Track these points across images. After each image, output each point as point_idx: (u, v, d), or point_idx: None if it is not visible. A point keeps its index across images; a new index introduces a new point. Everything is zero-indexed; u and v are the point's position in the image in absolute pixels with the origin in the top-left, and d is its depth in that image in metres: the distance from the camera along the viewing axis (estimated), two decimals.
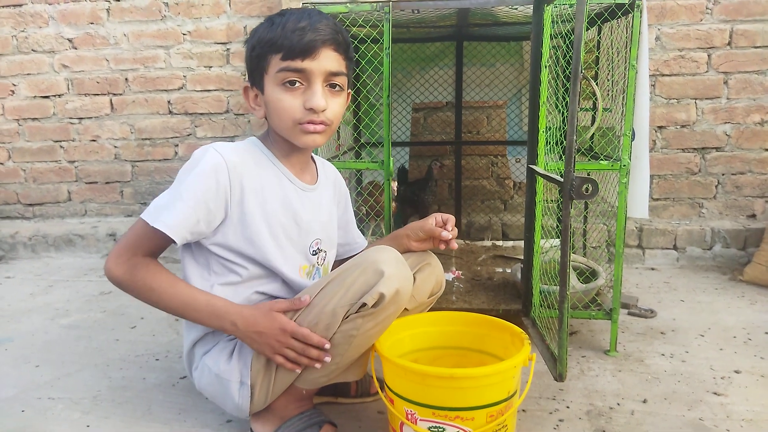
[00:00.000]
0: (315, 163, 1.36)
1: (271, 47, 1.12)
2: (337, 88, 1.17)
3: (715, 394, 1.44)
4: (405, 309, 1.30)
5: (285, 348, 1.12)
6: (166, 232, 1.08)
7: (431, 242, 1.37)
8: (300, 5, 1.62)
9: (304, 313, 1.15)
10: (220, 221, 1.15)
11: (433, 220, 1.36)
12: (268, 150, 1.23)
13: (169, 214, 1.09)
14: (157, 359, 1.71)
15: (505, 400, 1.10)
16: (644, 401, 1.40)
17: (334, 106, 1.17)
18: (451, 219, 1.37)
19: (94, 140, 3.02)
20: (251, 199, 1.16)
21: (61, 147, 3.05)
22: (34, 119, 3.03)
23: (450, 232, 1.34)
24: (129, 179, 3.05)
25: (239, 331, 1.13)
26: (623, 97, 1.56)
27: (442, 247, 1.37)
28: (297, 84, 1.13)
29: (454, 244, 1.36)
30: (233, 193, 1.13)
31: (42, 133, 3.04)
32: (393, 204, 1.73)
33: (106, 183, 3.06)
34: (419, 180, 2.49)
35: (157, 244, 1.14)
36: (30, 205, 3.14)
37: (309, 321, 1.13)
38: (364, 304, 1.09)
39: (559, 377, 1.30)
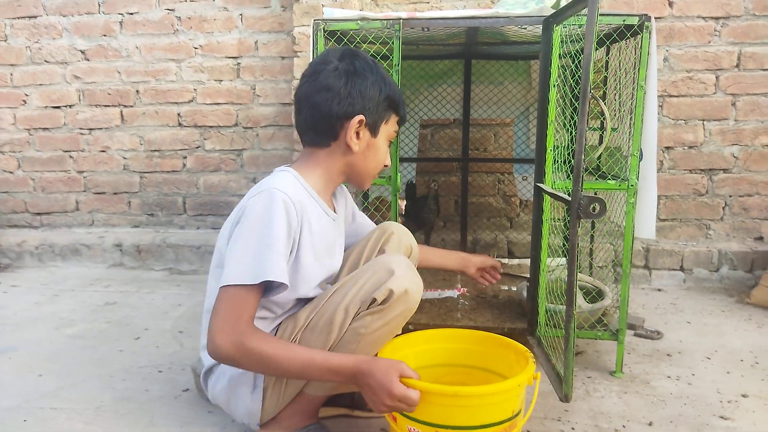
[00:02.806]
0: None
1: (396, 110, 1.30)
2: None
3: (722, 417, 1.42)
4: None
5: (384, 407, 1.09)
6: (276, 280, 1.09)
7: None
8: (311, 21, 1.64)
9: (321, 310, 1.21)
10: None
11: (474, 269, 1.68)
12: (306, 183, 1.25)
13: (267, 263, 1.09)
14: (160, 371, 1.71)
15: (510, 419, 1.09)
16: (650, 424, 1.39)
17: None
18: (497, 266, 1.70)
19: (103, 151, 3.04)
20: (306, 235, 1.20)
21: (70, 157, 3.07)
22: (44, 129, 3.06)
23: (491, 281, 1.72)
24: (137, 190, 3.06)
25: (356, 382, 1.11)
26: (631, 117, 1.56)
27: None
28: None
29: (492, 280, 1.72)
30: (299, 230, 1.18)
31: (52, 143, 3.07)
32: (400, 219, 1.74)
33: (114, 193, 3.08)
34: (425, 196, 2.50)
35: (254, 305, 1.12)
36: (38, 214, 3.16)
37: (324, 319, 1.19)
38: (374, 300, 1.15)
39: (565, 398, 1.29)
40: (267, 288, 1.14)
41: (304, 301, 1.27)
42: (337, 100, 1.21)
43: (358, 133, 1.24)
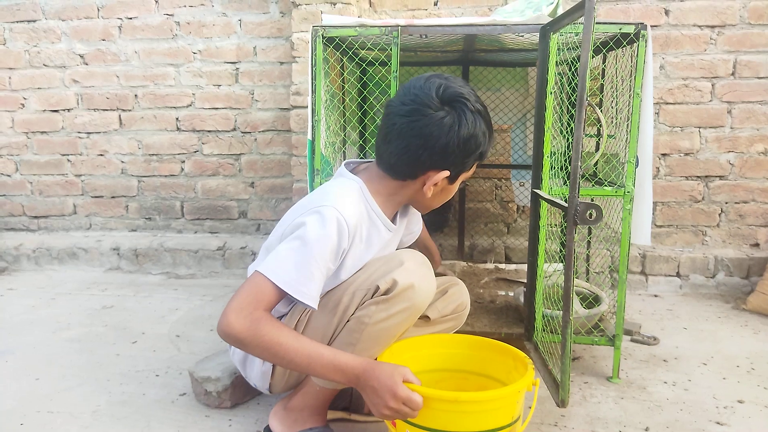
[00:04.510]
0: None
1: (482, 156, 1.26)
2: None
3: (718, 423, 1.42)
4: (427, 318, 1.38)
5: (386, 409, 1.09)
6: (309, 304, 1.12)
7: None
8: (310, 27, 1.65)
9: (331, 292, 1.23)
10: None
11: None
12: (372, 198, 1.25)
13: (303, 286, 1.11)
14: (157, 375, 1.70)
15: (509, 425, 1.10)
16: (646, 429, 1.39)
17: None
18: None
19: (101, 155, 3.04)
20: (355, 249, 1.22)
21: (68, 161, 3.07)
22: (42, 132, 3.06)
23: None
24: (135, 194, 3.06)
25: (360, 383, 1.12)
26: (627, 124, 1.58)
27: None
28: None
29: None
30: (349, 248, 1.19)
31: (50, 146, 3.07)
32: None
33: (112, 197, 3.08)
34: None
35: (276, 300, 1.14)
36: (35, 217, 3.16)
37: (333, 300, 1.22)
38: (378, 288, 1.17)
39: (562, 403, 1.30)
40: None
41: None
42: (430, 152, 1.18)
43: (437, 182, 1.23)
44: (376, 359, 1.21)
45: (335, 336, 1.24)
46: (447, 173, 1.21)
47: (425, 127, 1.17)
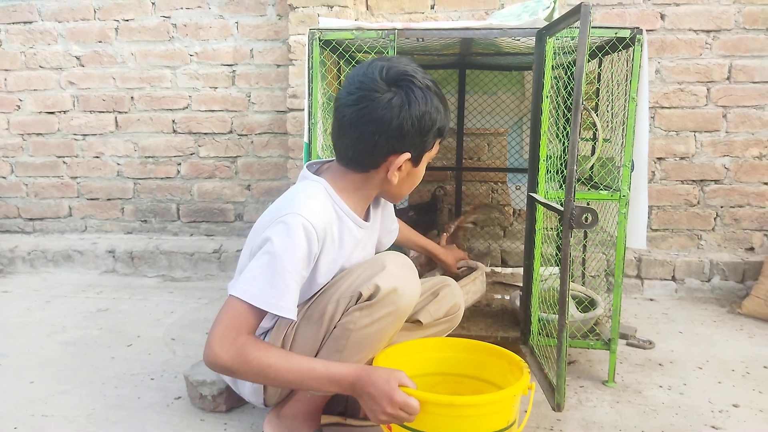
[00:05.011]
0: None
1: (441, 133, 1.21)
2: None
3: (714, 428, 1.43)
4: (419, 322, 1.34)
5: (384, 415, 1.09)
6: (289, 317, 1.11)
7: None
8: (307, 30, 1.65)
9: (315, 302, 1.21)
10: None
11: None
12: (338, 196, 1.23)
13: (279, 300, 1.09)
14: (152, 378, 1.70)
15: (505, 429, 1.10)
16: None
17: None
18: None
19: (97, 157, 3.04)
20: (328, 252, 1.20)
21: (64, 163, 3.07)
22: (38, 134, 3.05)
23: None
24: (130, 196, 3.06)
25: (356, 391, 1.11)
26: (623, 128, 1.58)
27: None
28: None
29: None
30: (319, 252, 1.17)
31: (46, 148, 3.06)
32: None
33: (108, 200, 3.07)
34: (420, 204, 2.52)
35: (257, 322, 1.12)
36: (30, 219, 3.14)
37: (318, 310, 1.20)
38: (361, 294, 1.15)
39: (557, 407, 1.30)
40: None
41: None
42: (385, 136, 1.15)
43: (400, 166, 1.20)
44: (371, 364, 1.21)
45: (323, 345, 1.22)
46: (408, 155, 1.18)
47: (375, 111, 1.13)
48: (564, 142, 1.60)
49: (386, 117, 1.13)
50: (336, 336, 1.19)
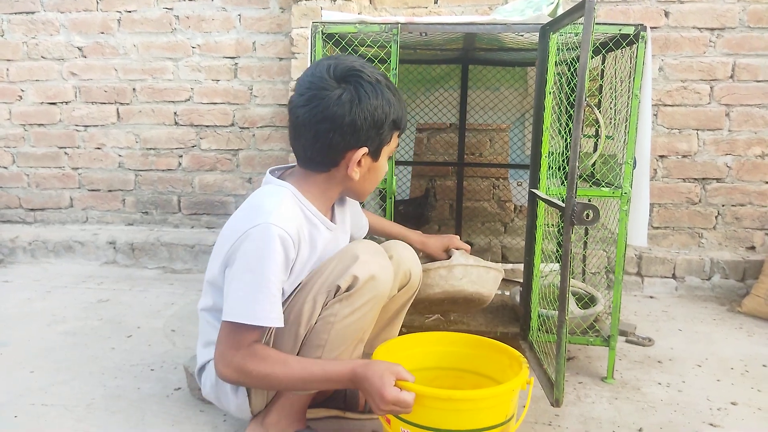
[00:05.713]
0: None
1: (399, 127, 1.24)
2: None
3: (712, 425, 1.43)
4: None
5: (379, 411, 1.10)
6: (273, 326, 1.13)
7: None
8: (309, 23, 1.64)
9: (291, 302, 1.20)
10: None
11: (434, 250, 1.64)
12: (305, 198, 1.23)
13: (263, 311, 1.11)
14: (152, 369, 1.70)
15: (502, 424, 1.10)
16: (640, 430, 1.40)
17: None
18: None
19: (98, 148, 3.04)
20: (304, 252, 1.21)
21: (65, 153, 3.06)
22: (40, 125, 3.05)
23: None
24: (132, 188, 3.06)
25: (355, 386, 1.13)
26: (626, 125, 1.58)
27: None
28: None
29: None
30: (296, 256, 1.18)
31: (47, 139, 3.06)
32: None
33: (109, 191, 3.07)
34: (416, 198, 2.53)
35: (252, 336, 1.14)
36: (31, 210, 3.15)
37: (296, 311, 1.19)
38: (339, 287, 1.16)
39: (556, 403, 1.30)
40: None
41: None
42: (340, 132, 1.15)
43: (359, 161, 1.20)
44: (364, 358, 1.21)
45: (304, 342, 1.21)
46: (365, 149, 1.19)
47: (326, 109, 1.14)
48: (566, 139, 1.60)
49: (338, 113, 1.14)
50: (317, 330, 1.19)
